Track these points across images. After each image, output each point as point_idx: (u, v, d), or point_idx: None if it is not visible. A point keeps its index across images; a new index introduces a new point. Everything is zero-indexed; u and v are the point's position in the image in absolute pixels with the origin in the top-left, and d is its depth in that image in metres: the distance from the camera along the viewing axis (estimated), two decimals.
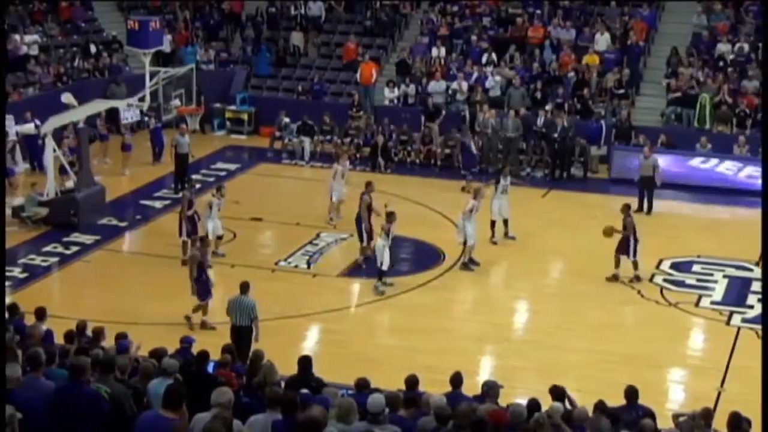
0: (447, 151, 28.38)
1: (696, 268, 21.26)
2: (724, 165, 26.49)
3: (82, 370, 9.14)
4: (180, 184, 25.14)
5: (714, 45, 30.42)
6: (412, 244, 22.41)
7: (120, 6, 35.38)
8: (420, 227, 22.97)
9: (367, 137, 29.06)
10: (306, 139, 28.99)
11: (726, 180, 26.42)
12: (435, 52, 31.83)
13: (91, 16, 35.00)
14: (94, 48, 32.87)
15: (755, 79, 28.58)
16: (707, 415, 11.59)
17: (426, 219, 23.89)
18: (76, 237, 22.36)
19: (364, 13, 34.36)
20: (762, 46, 28.99)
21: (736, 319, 18.82)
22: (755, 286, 20.13)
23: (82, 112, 24.24)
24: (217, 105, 31.78)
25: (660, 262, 21.35)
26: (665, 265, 21.24)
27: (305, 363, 12.15)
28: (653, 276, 20.72)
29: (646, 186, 24.62)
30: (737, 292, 20.10)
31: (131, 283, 20.07)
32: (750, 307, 19.27)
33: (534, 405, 10.64)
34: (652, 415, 11.52)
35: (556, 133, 27.36)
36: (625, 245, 20.14)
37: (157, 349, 12.17)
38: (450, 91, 30.25)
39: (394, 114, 29.89)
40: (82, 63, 32.02)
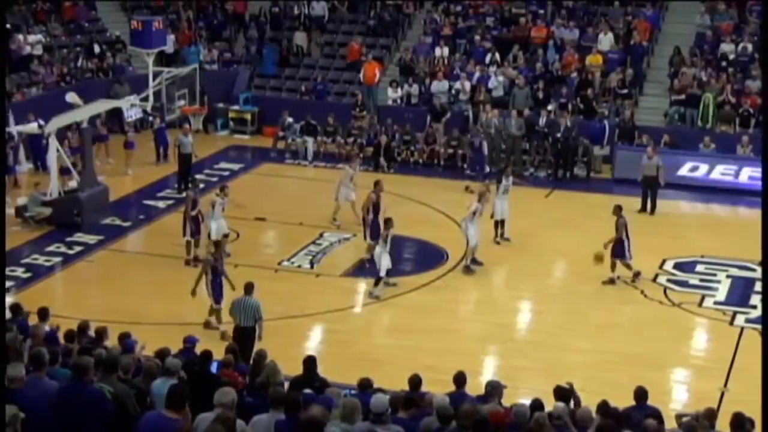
0: (450, 151, 28.37)
1: (699, 268, 21.26)
2: (723, 167, 26.47)
3: (85, 369, 9.15)
4: (183, 183, 25.17)
5: (717, 45, 30.38)
6: (415, 244, 22.43)
7: (123, 6, 35.39)
8: (423, 227, 22.99)
9: (370, 137, 29.05)
10: (309, 139, 28.99)
11: (729, 181, 26.37)
12: (438, 51, 31.81)
13: (95, 16, 35.00)
14: (97, 48, 32.88)
15: (758, 79, 28.51)
16: (711, 416, 11.56)
17: (429, 219, 23.89)
18: (79, 237, 22.39)
19: (367, 13, 34.35)
20: (761, 46, 28.92)
21: (739, 320, 18.82)
22: (759, 286, 20.10)
23: (85, 111, 24.26)
24: (221, 105, 31.82)
25: (663, 262, 21.35)
26: (668, 265, 21.23)
27: (310, 363, 12.16)
28: (657, 276, 20.72)
29: (649, 186, 24.60)
30: (740, 292, 20.09)
31: (134, 283, 20.09)
32: (753, 308, 19.25)
33: (537, 405, 10.63)
34: (659, 416, 11.51)
35: (558, 133, 27.36)
36: (620, 248, 19.95)
37: (163, 350, 12.18)
38: (453, 91, 30.26)
39: (397, 114, 29.89)
40: (85, 63, 32.02)
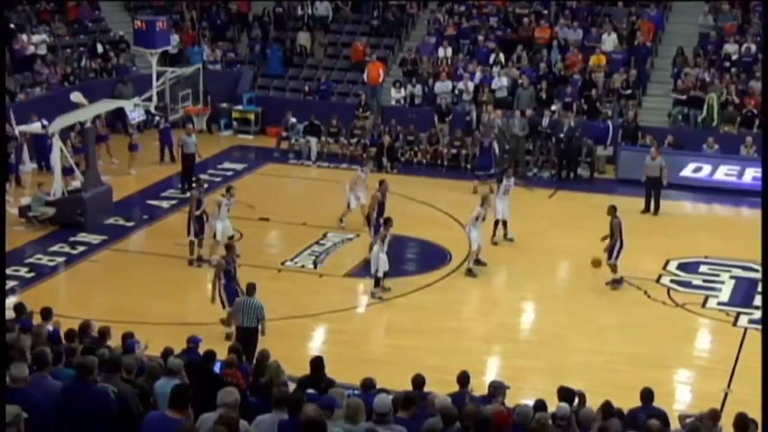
0: (453, 152, 28.36)
1: (703, 268, 21.23)
2: (726, 168, 26.46)
3: (89, 369, 9.16)
4: (186, 183, 25.20)
5: (721, 45, 30.35)
6: (418, 244, 22.44)
7: (127, 6, 35.39)
8: (426, 227, 22.98)
9: (374, 137, 29.05)
10: (313, 140, 28.98)
11: (733, 181, 26.35)
12: (441, 52, 31.81)
13: (98, 15, 35.00)
14: (101, 48, 32.89)
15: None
16: (714, 416, 11.57)
17: (432, 219, 23.88)
18: (82, 237, 22.39)
19: (371, 13, 34.35)
20: (763, 46, 28.86)
21: (743, 320, 18.80)
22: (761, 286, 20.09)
23: (89, 111, 24.28)
24: (224, 105, 31.80)
25: (667, 262, 21.33)
26: (672, 266, 21.21)
27: (318, 363, 12.10)
28: (660, 277, 20.70)
29: (653, 186, 24.58)
30: (744, 292, 20.07)
31: (138, 283, 20.07)
32: (757, 308, 19.16)
33: (540, 406, 10.63)
34: (665, 418, 11.50)
35: (561, 133, 27.35)
36: (611, 249, 19.79)
37: (168, 349, 12.19)
38: (456, 92, 30.25)
39: (401, 114, 29.89)
40: (89, 63, 32.03)
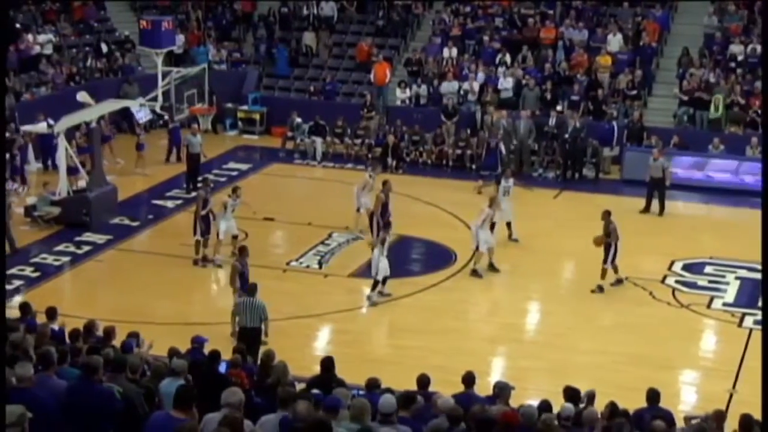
0: (459, 152, 28.35)
1: (708, 269, 21.21)
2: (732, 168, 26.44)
3: (95, 369, 9.16)
4: (192, 183, 25.20)
5: (727, 46, 30.30)
6: (423, 244, 22.44)
7: (132, 6, 35.44)
8: (431, 228, 22.98)
9: (379, 137, 29.04)
10: (318, 140, 28.99)
11: (737, 181, 26.35)
12: (447, 52, 31.79)
13: (104, 15, 35.07)
14: (106, 48, 32.95)
15: None
16: (719, 417, 11.55)
17: (437, 219, 23.87)
18: (88, 236, 22.41)
19: (376, 13, 34.35)
20: (762, 46, 28.80)
21: (748, 321, 18.78)
22: None
23: (94, 111, 24.30)
24: (229, 105, 31.83)
25: (672, 263, 21.31)
26: (677, 267, 21.19)
27: (328, 363, 12.05)
28: (665, 277, 20.68)
29: (656, 187, 24.54)
30: (749, 293, 20.03)
31: (143, 283, 20.09)
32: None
33: (545, 407, 10.62)
34: (671, 419, 11.48)
35: (567, 134, 27.34)
36: (606, 252, 19.70)
37: (174, 350, 12.20)
38: (462, 92, 30.24)
39: (406, 114, 29.89)
40: (94, 63, 32.08)
